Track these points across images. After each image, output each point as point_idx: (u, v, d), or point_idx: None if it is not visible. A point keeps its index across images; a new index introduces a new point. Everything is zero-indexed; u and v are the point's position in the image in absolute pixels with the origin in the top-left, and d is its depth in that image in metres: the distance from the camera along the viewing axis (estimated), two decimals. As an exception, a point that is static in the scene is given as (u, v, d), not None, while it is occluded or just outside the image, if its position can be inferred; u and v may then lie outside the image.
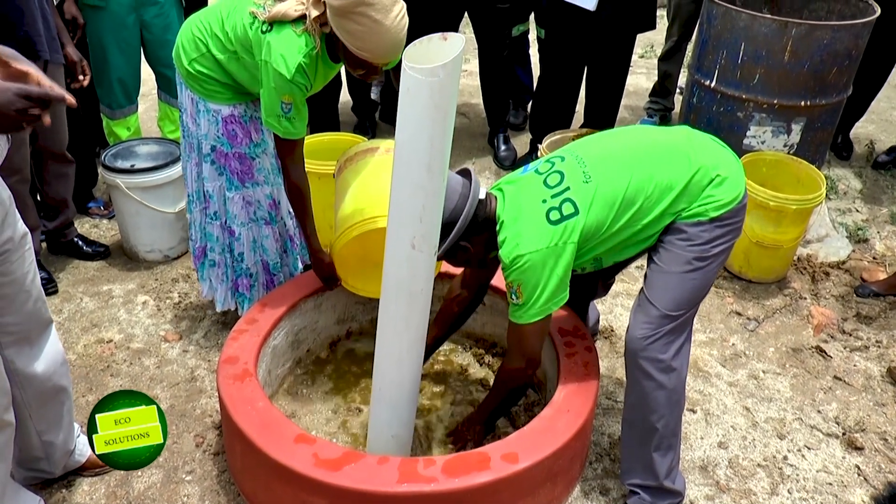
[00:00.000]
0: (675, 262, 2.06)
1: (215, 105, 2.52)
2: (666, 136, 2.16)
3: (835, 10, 3.76)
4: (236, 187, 2.63)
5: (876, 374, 2.90)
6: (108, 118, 3.75)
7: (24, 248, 1.86)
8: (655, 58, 5.23)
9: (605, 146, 2.15)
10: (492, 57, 4.30)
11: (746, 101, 3.51)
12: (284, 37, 2.25)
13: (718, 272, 2.17)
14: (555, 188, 2.03)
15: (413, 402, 2.20)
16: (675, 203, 2.02)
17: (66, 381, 2.14)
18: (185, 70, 2.51)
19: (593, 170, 2.04)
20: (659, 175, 2.02)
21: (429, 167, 1.75)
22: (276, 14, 2.24)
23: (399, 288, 1.95)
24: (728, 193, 2.02)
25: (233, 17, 2.38)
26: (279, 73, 2.24)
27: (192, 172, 2.69)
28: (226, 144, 2.56)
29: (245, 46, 2.35)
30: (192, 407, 2.65)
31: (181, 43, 2.52)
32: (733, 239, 2.10)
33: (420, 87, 1.67)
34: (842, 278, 3.43)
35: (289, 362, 2.66)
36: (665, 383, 2.11)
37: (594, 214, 1.99)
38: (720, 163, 2.06)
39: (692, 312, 2.14)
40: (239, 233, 2.70)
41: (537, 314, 2.02)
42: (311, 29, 2.25)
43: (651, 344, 2.08)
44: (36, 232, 3.12)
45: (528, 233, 1.98)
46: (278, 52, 2.24)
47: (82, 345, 2.93)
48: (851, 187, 4.24)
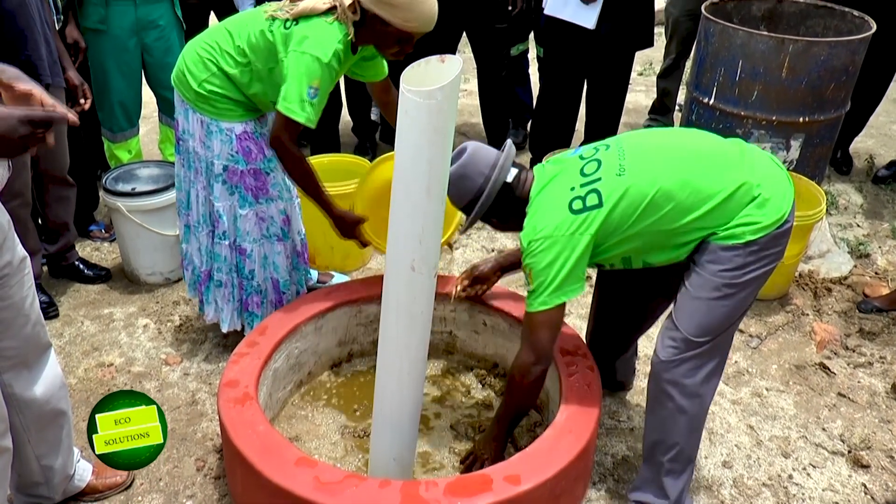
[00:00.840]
0: (704, 288, 2.00)
1: (228, 123, 2.55)
2: (717, 144, 2.09)
3: (831, 27, 3.77)
4: (250, 204, 2.64)
5: (880, 391, 2.88)
6: (110, 141, 3.77)
7: (22, 273, 1.86)
8: (654, 75, 5.26)
9: (652, 143, 2.11)
10: (491, 76, 4.33)
11: (745, 118, 3.52)
12: (316, 25, 2.33)
13: (751, 297, 2.07)
14: (588, 177, 2.00)
15: (415, 425, 2.19)
16: (711, 216, 1.95)
17: (66, 405, 2.13)
18: (193, 93, 2.52)
19: (630, 164, 1.99)
20: (696, 182, 1.95)
21: (428, 189, 1.76)
22: (302, 10, 2.34)
23: (399, 310, 1.95)
24: (768, 216, 1.94)
25: (244, 30, 2.44)
26: (315, 56, 2.29)
27: (198, 197, 2.69)
28: (241, 161, 2.58)
29: (263, 53, 2.42)
30: (192, 430, 2.64)
31: (185, 67, 2.53)
32: (769, 265, 2.01)
33: (418, 109, 1.67)
34: (844, 294, 3.42)
35: (290, 385, 2.65)
36: (686, 408, 2.08)
37: (617, 210, 1.95)
38: (766, 181, 1.98)
39: (722, 339, 2.07)
40: (250, 250, 2.71)
41: (546, 302, 1.99)
42: (344, 17, 2.34)
43: (675, 367, 2.05)
44: (37, 256, 3.12)
45: (547, 218, 1.98)
46: (314, 38, 2.31)
47: (83, 368, 2.93)
48: (852, 202, 4.24)
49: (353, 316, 2.74)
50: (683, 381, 2.06)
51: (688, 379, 2.06)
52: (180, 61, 2.58)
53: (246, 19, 2.49)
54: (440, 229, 1.90)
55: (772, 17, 3.92)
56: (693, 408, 2.09)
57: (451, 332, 2.83)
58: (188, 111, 2.58)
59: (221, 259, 2.74)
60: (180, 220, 2.85)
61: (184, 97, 2.57)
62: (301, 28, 2.33)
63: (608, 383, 2.67)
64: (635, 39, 3.87)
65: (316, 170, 2.56)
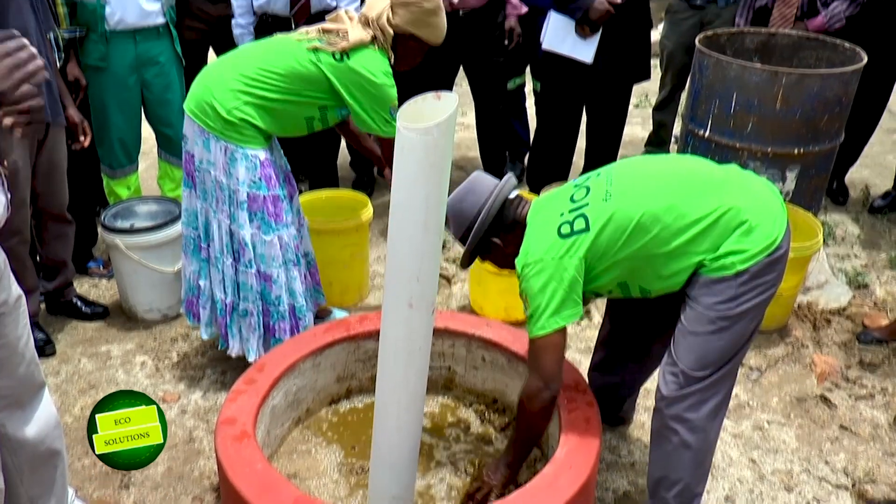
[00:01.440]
0: (699, 322, 2.00)
1: (252, 150, 2.65)
2: (708, 169, 2.11)
3: (823, 58, 3.81)
4: (273, 229, 2.71)
5: (883, 423, 2.86)
6: (109, 178, 3.78)
7: (17, 311, 1.85)
8: (650, 107, 5.29)
9: (641, 169, 2.15)
10: (488, 110, 4.36)
11: (741, 150, 3.53)
12: (369, 56, 2.62)
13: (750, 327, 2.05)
14: (576, 203, 2.06)
15: (413, 462, 2.17)
16: (697, 241, 1.95)
17: (60, 444, 2.11)
18: (221, 121, 2.60)
19: (616, 189, 2.03)
20: (682, 206, 1.96)
21: (425, 226, 1.76)
22: (354, 42, 2.59)
23: (397, 346, 1.94)
24: (756, 244, 1.94)
25: (283, 60, 2.61)
26: (382, 83, 2.62)
27: (220, 227, 2.73)
28: (263, 188, 2.66)
29: (306, 81, 2.61)
30: (189, 469, 2.62)
31: (210, 97, 2.61)
32: (764, 294, 1.99)
33: (415, 145, 1.68)
34: (843, 325, 3.41)
35: (288, 422, 2.63)
36: (691, 443, 2.07)
37: (604, 234, 1.98)
38: (755, 207, 1.97)
39: (725, 372, 2.05)
40: (276, 275, 2.76)
41: (545, 327, 2.00)
42: (384, 44, 2.66)
43: (678, 402, 2.04)
44: (35, 293, 3.12)
45: (537, 243, 2.03)
46: (376, 68, 2.62)
47: (79, 407, 2.91)
48: (849, 233, 4.24)
49: (352, 352, 2.73)
50: (687, 416, 2.04)
51: (692, 413, 2.04)
52: (202, 92, 2.65)
53: (279, 49, 2.65)
54: (437, 266, 1.90)
55: (765, 50, 3.95)
56: (698, 443, 2.07)
57: (450, 367, 2.82)
58: (209, 140, 2.64)
59: (248, 288, 2.77)
60: (192, 256, 2.87)
61: (207, 127, 2.63)
62: (358, 61, 2.59)
63: (609, 418, 2.65)
64: (633, 72, 3.91)
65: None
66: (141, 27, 3.49)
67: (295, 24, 3.75)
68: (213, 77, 2.69)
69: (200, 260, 2.86)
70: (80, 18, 3.40)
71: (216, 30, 3.99)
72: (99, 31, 3.40)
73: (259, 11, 3.79)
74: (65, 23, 3.33)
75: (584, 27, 3.66)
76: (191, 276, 2.92)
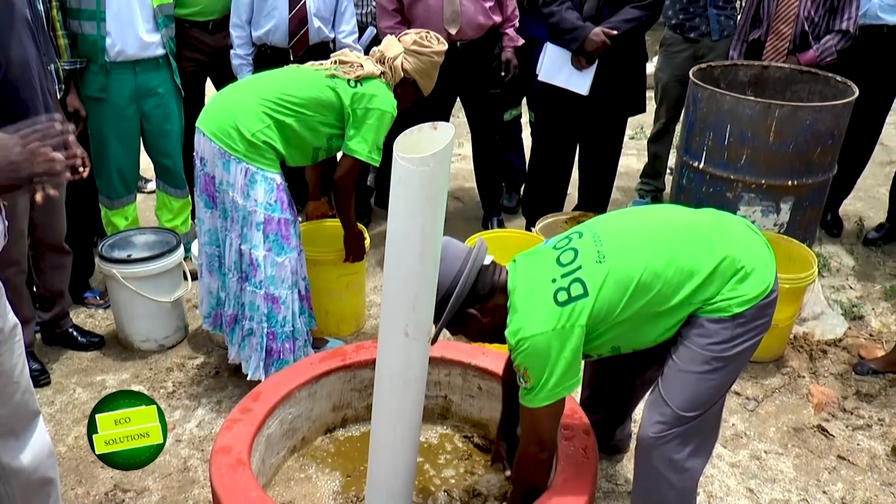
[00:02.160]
0: (693, 361, 1.97)
1: (272, 173, 2.77)
2: (692, 218, 2.08)
3: (816, 91, 3.86)
4: (285, 252, 2.82)
5: (880, 453, 2.85)
6: (107, 208, 3.80)
7: (13, 340, 1.86)
8: (645, 139, 5.34)
9: (625, 224, 2.08)
10: (485, 141, 4.39)
11: (735, 182, 3.56)
12: (378, 86, 2.86)
13: (739, 369, 2.06)
14: (567, 266, 1.95)
15: (409, 491, 2.16)
16: (698, 292, 1.93)
17: (54, 473, 2.09)
18: (245, 143, 2.72)
19: (608, 249, 1.95)
20: (680, 261, 1.93)
21: (421, 256, 1.77)
22: (366, 73, 2.83)
23: (393, 376, 1.94)
24: (753, 288, 1.93)
25: (307, 87, 2.80)
26: (386, 111, 2.84)
27: (231, 245, 2.83)
28: (278, 210, 2.78)
29: (324, 106, 2.80)
30: (184, 498, 2.60)
31: (235, 120, 2.72)
32: (758, 335, 1.99)
33: (411, 176, 1.70)
34: (840, 356, 3.42)
35: (283, 451, 2.62)
36: (675, 483, 2.04)
37: (605, 297, 1.91)
38: (747, 253, 1.97)
39: (711, 412, 2.04)
40: (285, 297, 2.85)
41: (547, 398, 1.92)
42: (391, 80, 2.91)
43: (664, 444, 2.01)
44: (31, 323, 3.12)
45: (533, 313, 1.91)
46: (382, 97, 2.84)
47: (73, 437, 2.89)
48: (844, 264, 4.26)
49: (348, 381, 2.72)
50: (673, 457, 2.02)
51: (677, 454, 2.02)
52: (224, 115, 2.76)
53: (298, 77, 2.85)
54: (433, 295, 1.91)
55: (758, 83, 4.00)
56: (682, 482, 2.05)
57: (446, 396, 2.81)
58: (230, 162, 2.73)
59: (255, 308, 2.84)
60: (216, 273, 2.98)
61: (230, 149, 2.72)
62: (368, 88, 2.82)
63: (604, 447, 2.64)
64: (628, 105, 3.94)
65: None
66: (141, 58, 3.53)
67: (293, 56, 3.80)
68: (234, 101, 2.82)
69: (222, 275, 2.96)
70: (81, 50, 3.43)
71: (214, 61, 4.03)
72: (99, 62, 3.44)
73: (258, 43, 3.84)
74: (65, 54, 3.36)
75: (580, 59, 3.71)
76: (216, 291, 3.03)
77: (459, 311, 2.00)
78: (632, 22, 3.67)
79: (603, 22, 3.67)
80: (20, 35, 2.70)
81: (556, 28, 3.74)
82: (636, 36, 3.80)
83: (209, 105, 2.93)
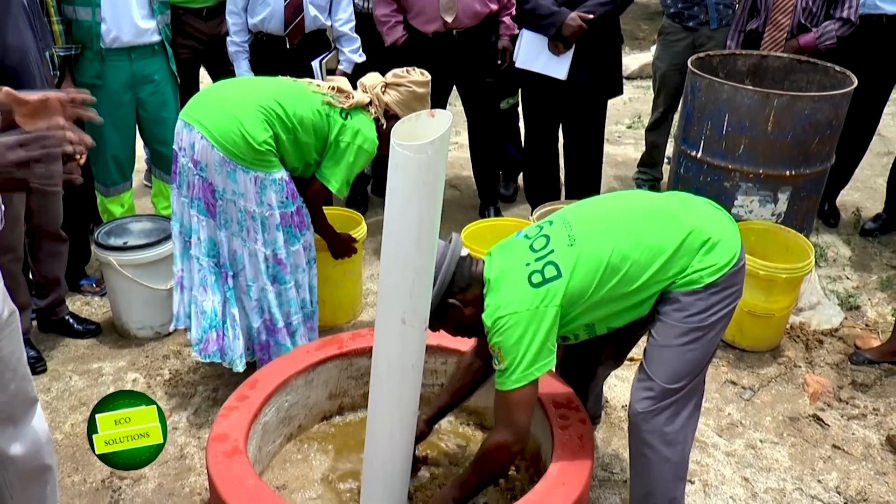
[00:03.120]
0: (672, 335, 2.03)
1: (278, 173, 2.72)
2: (657, 200, 2.16)
3: (815, 81, 3.85)
4: (297, 239, 2.84)
5: (875, 443, 2.87)
6: (103, 195, 3.79)
7: (10, 327, 1.85)
8: (643, 128, 5.33)
9: (594, 210, 2.15)
10: (481, 130, 4.39)
11: (732, 171, 3.56)
12: (364, 121, 2.77)
13: (718, 337, 2.13)
14: (539, 251, 2.02)
15: (405, 478, 2.17)
16: (666, 268, 2.00)
17: (51, 460, 2.09)
18: (253, 152, 2.63)
19: (578, 233, 2.03)
20: (648, 239, 2.00)
21: (418, 243, 1.77)
22: (356, 103, 2.76)
23: (390, 363, 1.94)
24: (722, 257, 2.00)
25: (300, 106, 2.70)
26: (367, 150, 2.78)
27: (258, 255, 2.76)
28: (290, 204, 2.78)
29: (312, 129, 2.72)
30: (181, 485, 2.60)
31: (242, 130, 2.60)
32: (732, 303, 2.06)
33: (408, 163, 1.70)
34: (835, 346, 3.42)
35: (280, 438, 2.62)
36: (669, 456, 2.08)
37: (577, 278, 1.98)
38: (713, 225, 2.05)
39: (696, 382, 2.10)
40: (301, 280, 2.91)
41: (520, 380, 1.96)
42: (377, 112, 2.81)
43: (654, 417, 2.06)
44: (27, 310, 3.11)
45: (509, 295, 1.97)
46: (366, 135, 2.76)
47: (69, 424, 2.89)
48: (840, 254, 4.27)
49: (344, 369, 2.72)
50: (664, 430, 2.06)
51: (667, 427, 2.07)
52: (228, 122, 2.61)
53: (298, 95, 2.74)
54: (430, 283, 1.91)
55: (756, 72, 3.99)
56: (676, 455, 2.09)
57: (442, 384, 2.81)
58: (235, 172, 2.63)
59: (292, 302, 2.89)
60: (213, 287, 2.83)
61: (238, 159, 2.61)
62: (354, 123, 2.75)
63: None
64: (607, 87, 3.96)
65: None
66: (136, 45, 3.51)
67: (290, 43, 3.78)
68: (236, 105, 2.66)
69: (228, 290, 2.83)
70: (76, 36, 3.41)
71: (208, 48, 4.01)
72: (94, 48, 3.42)
73: (254, 30, 3.82)
74: (60, 41, 3.34)
75: (557, 44, 3.71)
76: (214, 308, 2.83)
77: (441, 303, 2.04)
78: (607, 5, 3.68)
79: (578, 6, 3.67)
80: (17, 21, 2.69)
81: (531, 14, 3.73)
82: (611, 19, 3.80)
83: (202, 102, 2.75)
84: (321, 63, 3.83)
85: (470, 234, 3.45)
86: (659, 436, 2.06)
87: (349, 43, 3.93)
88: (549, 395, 2.39)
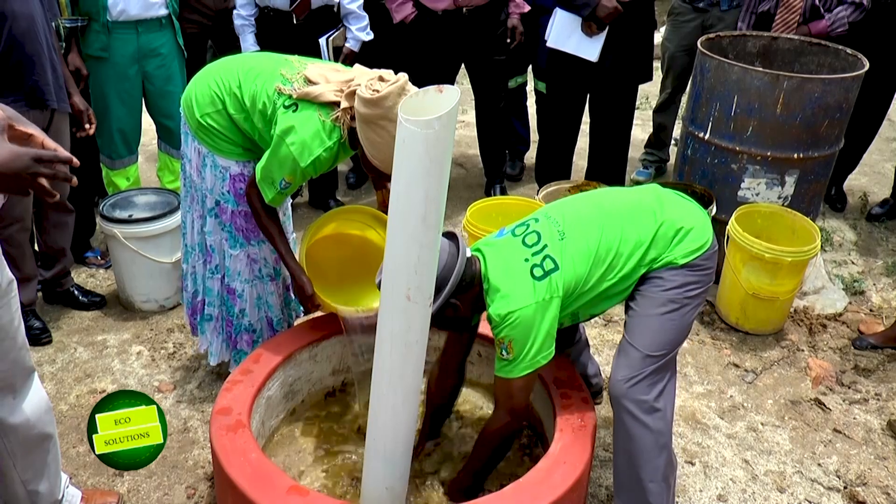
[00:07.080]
0: (653, 305, 2.15)
1: (224, 161, 2.51)
2: (633, 195, 2.29)
3: (825, 64, 3.81)
4: (241, 245, 2.61)
5: (876, 427, 2.87)
6: (108, 168, 3.78)
7: (9, 296, 1.86)
8: (650, 109, 5.30)
9: (576, 207, 2.26)
10: (489, 108, 4.37)
11: (740, 154, 3.54)
12: (308, 121, 2.28)
13: (696, 317, 2.26)
14: (534, 247, 2.12)
15: (407, 455, 2.17)
16: (646, 256, 2.13)
17: (52, 429, 2.11)
18: (195, 121, 2.48)
19: (567, 228, 2.15)
20: (628, 232, 2.14)
21: (424, 219, 1.76)
22: (308, 94, 2.29)
23: (394, 339, 1.94)
24: (694, 242, 2.15)
25: (251, 85, 2.39)
26: (293, 158, 2.28)
27: (195, 224, 2.67)
28: (231, 202, 2.55)
29: (262, 114, 2.38)
30: (184, 458, 2.62)
31: (194, 95, 2.49)
32: (705, 285, 2.20)
33: (415, 139, 1.68)
34: (839, 330, 3.42)
35: (283, 413, 2.64)
36: (650, 424, 2.14)
37: (572, 269, 2.09)
38: (684, 216, 2.19)
39: (672, 356, 2.20)
40: (241, 290, 2.68)
41: (527, 368, 2.07)
42: (341, 119, 2.29)
43: (634, 385, 2.13)
44: (33, 281, 3.12)
45: (516, 289, 2.06)
46: (300, 138, 2.27)
47: (74, 395, 2.91)
48: (846, 239, 4.25)
49: (348, 344, 2.73)
50: (643, 398, 2.14)
51: (647, 395, 2.14)
52: (191, 87, 2.54)
53: (260, 72, 2.41)
54: (436, 259, 1.90)
55: (766, 54, 3.96)
56: (656, 423, 2.14)
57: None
58: (188, 136, 2.57)
59: (213, 294, 2.73)
60: (183, 240, 2.80)
61: (187, 122, 2.54)
62: (294, 118, 2.28)
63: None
64: (636, 72, 3.92)
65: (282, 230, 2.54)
66: (143, 18, 3.49)
67: (296, 19, 3.75)
68: (204, 76, 2.53)
69: (185, 245, 2.77)
70: (83, 8, 3.40)
71: (215, 23, 3.99)
72: (101, 21, 3.41)
73: (261, 4, 3.79)
74: (66, 12, 3.33)
75: (591, 25, 3.67)
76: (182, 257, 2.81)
77: (447, 302, 2.10)
78: None
79: None
80: (24, -10, 2.68)
81: None
82: (646, 2, 3.77)
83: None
84: (328, 40, 3.80)
85: (476, 213, 3.44)
86: (639, 404, 2.12)
87: (357, 20, 3.89)
88: (551, 375, 2.40)
